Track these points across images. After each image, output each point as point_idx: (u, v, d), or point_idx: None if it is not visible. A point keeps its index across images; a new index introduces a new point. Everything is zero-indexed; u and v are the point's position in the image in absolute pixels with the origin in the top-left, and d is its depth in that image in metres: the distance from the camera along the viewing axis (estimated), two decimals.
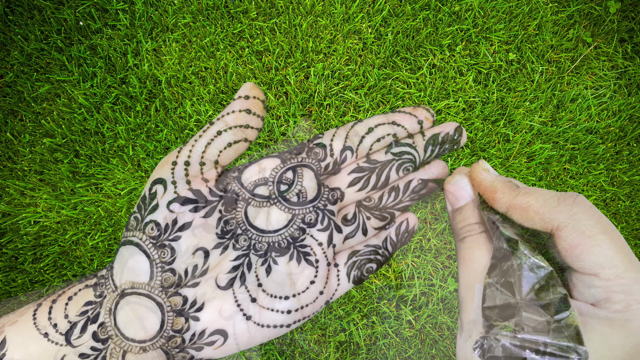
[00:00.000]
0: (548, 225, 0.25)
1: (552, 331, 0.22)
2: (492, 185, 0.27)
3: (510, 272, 0.24)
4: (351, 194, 0.32)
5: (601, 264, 0.23)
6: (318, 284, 0.31)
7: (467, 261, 0.27)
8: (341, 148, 0.31)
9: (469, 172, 0.29)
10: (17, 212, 1.13)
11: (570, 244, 0.24)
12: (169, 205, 0.27)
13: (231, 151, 0.29)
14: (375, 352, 1.10)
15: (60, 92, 1.18)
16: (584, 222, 0.24)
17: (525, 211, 0.25)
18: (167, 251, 0.27)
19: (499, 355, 0.22)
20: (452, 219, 0.30)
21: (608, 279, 0.23)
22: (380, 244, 0.33)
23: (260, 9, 1.22)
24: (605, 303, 0.23)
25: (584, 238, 0.23)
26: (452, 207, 0.30)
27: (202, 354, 0.28)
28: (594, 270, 0.23)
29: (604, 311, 0.23)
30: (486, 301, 0.24)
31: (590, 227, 0.23)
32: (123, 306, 0.27)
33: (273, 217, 0.30)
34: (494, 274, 0.24)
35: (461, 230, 0.29)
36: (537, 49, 1.25)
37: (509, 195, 0.26)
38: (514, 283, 0.23)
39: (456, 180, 0.29)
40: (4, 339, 0.27)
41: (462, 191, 0.29)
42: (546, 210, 0.25)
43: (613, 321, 0.22)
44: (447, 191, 0.30)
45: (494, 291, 0.24)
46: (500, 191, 0.27)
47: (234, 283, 0.29)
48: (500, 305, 0.23)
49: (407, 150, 0.32)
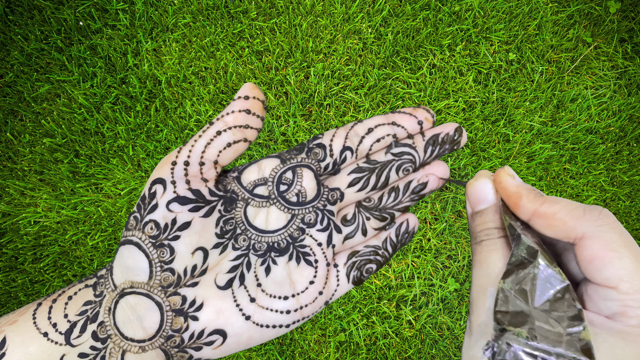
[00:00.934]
0: (572, 234, 0.25)
1: (565, 343, 0.21)
2: (518, 191, 0.27)
3: (526, 280, 0.24)
4: (351, 194, 0.32)
5: (621, 277, 0.23)
6: (317, 284, 0.31)
7: (483, 264, 0.27)
8: (341, 148, 0.31)
9: (493, 177, 0.29)
10: (17, 212, 1.13)
11: (592, 254, 0.24)
12: (169, 205, 0.27)
13: (231, 151, 0.29)
14: (375, 352, 1.10)
15: (60, 92, 1.18)
16: (608, 234, 0.24)
17: (550, 219, 0.26)
18: (167, 251, 0.27)
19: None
20: (472, 221, 0.30)
21: (627, 293, 0.23)
22: (380, 245, 0.33)
23: (260, 9, 1.22)
24: (620, 317, 0.23)
25: (607, 250, 0.23)
26: (472, 210, 0.30)
27: (201, 353, 0.28)
28: (613, 283, 0.23)
29: (619, 324, 0.23)
30: (498, 305, 0.24)
31: (614, 239, 0.23)
32: (122, 306, 0.27)
33: (272, 217, 0.30)
34: (509, 279, 0.24)
35: (480, 233, 0.29)
36: (537, 49, 1.25)
37: (535, 203, 0.26)
38: (528, 291, 0.23)
39: (479, 183, 0.29)
40: (3, 338, 0.27)
41: (484, 194, 0.29)
42: (571, 220, 0.25)
43: (627, 335, 0.22)
44: (468, 193, 0.30)
45: (507, 296, 0.24)
46: (525, 197, 0.27)
47: (233, 283, 0.29)
48: (513, 311, 0.23)
49: (407, 151, 0.32)
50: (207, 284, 0.29)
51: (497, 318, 0.23)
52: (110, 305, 0.28)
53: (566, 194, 1.20)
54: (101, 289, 0.28)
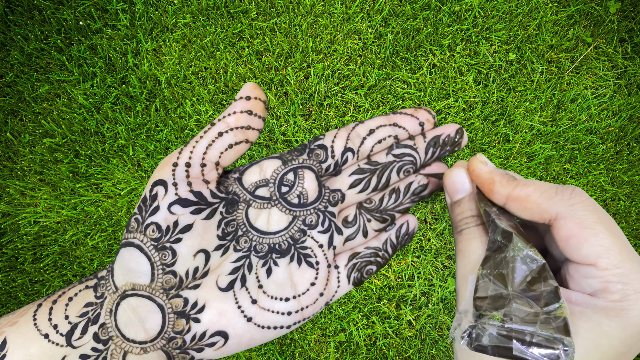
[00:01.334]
0: (546, 216, 0.25)
1: (540, 322, 0.22)
2: (490, 177, 0.28)
3: (504, 264, 0.24)
4: (352, 195, 0.32)
5: (598, 253, 0.23)
6: (318, 285, 0.31)
7: (464, 253, 0.28)
8: (342, 149, 0.31)
9: (467, 166, 0.30)
10: (17, 212, 1.13)
11: (568, 233, 0.24)
12: (170, 207, 0.27)
13: (232, 152, 0.29)
14: (375, 352, 1.10)
15: (60, 92, 1.18)
16: (581, 212, 0.24)
17: (524, 202, 0.26)
18: (168, 253, 0.27)
19: (485, 344, 0.22)
20: (451, 211, 0.30)
21: (605, 269, 0.23)
22: (380, 246, 0.33)
23: (260, 9, 1.22)
24: (602, 293, 0.23)
25: (581, 228, 0.23)
26: (450, 200, 0.30)
27: (202, 354, 0.28)
28: (591, 260, 0.23)
29: (601, 301, 0.23)
30: (478, 291, 0.24)
31: (588, 217, 0.24)
32: (124, 307, 0.27)
33: (274, 219, 0.30)
34: (488, 265, 0.25)
35: (459, 223, 0.29)
36: (537, 49, 1.25)
37: (507, 187, 0.27)
38: (506, 275, 0.24)
39: (454, 173, 0.30)
40: (4, 339, 0.27)
41: (460, 184, 0.29)
42: (544, 201, 0.25)
43: (610, 311, 0.22)
44: (445, 184, 0.30)
45: (486, 282, 0.24)
46: (498, 183, 0.27)
47: (234, 284, 0.29)
48: (492, 295, 0.24)
49: (408, 152, 0.32)
50: (209, 285, 0.29)
51: (476, 304, 0.24)
52: (111, 306, 0.28)
53: None
54: (102, 291, 0.28)
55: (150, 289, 0.27)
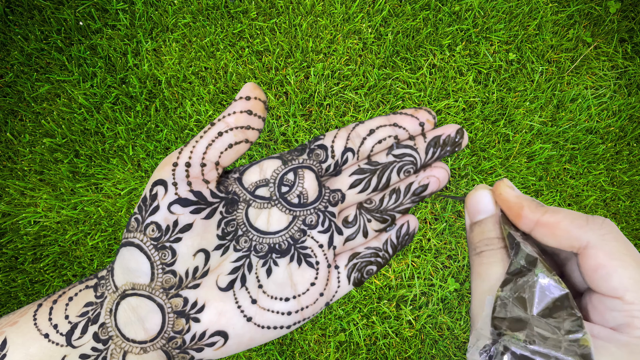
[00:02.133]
0: (576, 244, 0.24)
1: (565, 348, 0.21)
2: (519, 202, 0.27)
3: (525, 288, 0.24)
4: (352, 195, 0.32)
5: (626, 287, 0.22)
6: (318, 285, 0.31)
7: (483, 275, 0.27)
8: (342, 149, 0.31)
9: (492, 188, 0.29)
10: (17, 212, 1.13)
11: (597, 263, 0.23)
12: (170, 207, 0.27)
13: (232, 152, 0.29)
14: (375, 352, 1.10)
15: (60, 92, 1.18)
16: (612, 243, 0.23)
17: (553, 228, 0.25)
18: (168, 253, 0.27)
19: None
20: (470, 231, 0.30)
21: (632, 303, 0.22)
22: (380, 246, 0.33)
23: (260, 9, 1.22)
24: (626, 328, 0.22)
25: (611, 259, 0.23)
26: (471, 220, 0.30)
27: (202, 354, 0.28)
28: (619, 292, 0.23)
29: (625, 336, 0.22)
30: (496, 312, 0.23)
31: (619, 249, 0.23)
32: (124, 307, 0.27)
33: (274, 219, 0.30)
34: (507, 287, 0.24)
35: (479, 244, 0.28)
36: (537, 49, 1.25)
37: (537, 213, 0.26)
38: (527, 299, 0.23)
39: (479, 194, 0.29)
40: (4, 339, 0.27)
41: (483, 205, 0.29)
42: (575, 229, 0.24)
43: (634, 347, 0.22)
44: (467, 204, 0.30)
45: (506, 304, 0.24)
46: (527, 208, 0.27)
47: (234, 284, 0.29)
48: (511, 317, 0.23)
49: (408, 152, 0.32)
50: (209, 285, 0.29)
51: (495, 324, 0.23)
52: (111, 306, 0.28)
53: (566, 194, 1.20)
54: (102, 290, 0.28)
55: (150, 288, 0.27)
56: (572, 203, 1.21)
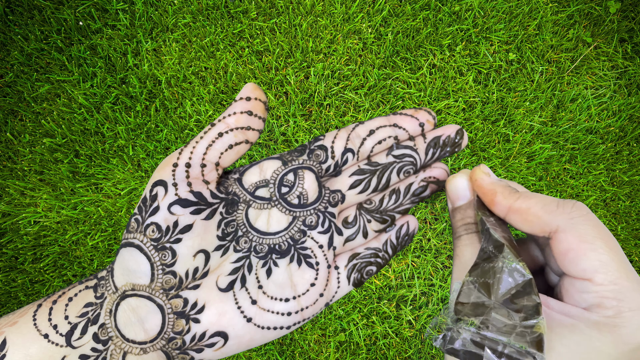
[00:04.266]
0: (546, 228, 0.25)
1: (516, 334, 0.22)
2: (492, 188, 0.28)
3: (490, 273, 0.24)
4: (352, 196, 0.32)
5: (596, 268, 0.23)
6: (318, 286, 0.31)
7: (460, 257, 0.28)
8: (342, 150, 0.31)
9: (469, 175, 0.30)
10: (17, 212, 1.13)
11: (566, 247, 0.24)
12: (170, 208, 0.27)
13: (232, 153, 0.29)
14: (375, 352, 1.10)
15: (60, 92, 1.18)
16: (582, 226, 0.24)
17: (525, 214, 0.26)
18: (168, 253, 0.27)
19: (457, 348, 0.22)
20: (452, 217, 0.30)
21: (601, 284, 0.23)
22: (380, 247, 0.33)
23: (260, 9, 1.22)
24: (596, 308, 0.23)
25: (581, 242, 0.23)
26: (452, 206, 0.31)
27: (202, 355, 0.28)
28: (588, 274, 0.23)
29: (595, 315, 0.23)
30: (461, 297, 0.24)
31: (588, 231, 0.24)
32: (123, 308, 0.27)
33: (274, 219, 0.30)
34: (475, 272, 0.25)
35: (459, 228, 0.29)
36: (537, 49, 1.25)
37: (509, 199, 0.27)
38: (491, 284, 0.24)
39: (456, 180, 0.30)
40: (4, 340, 0.27)
41: (461, 191, 0.30)
42: (545, 214, 0.25)
43: (603, 326, 0.22)
44: (448, 190, 0.31)
45: (470, 289, 0.24)
46: (500, 194, 0.27)
47: (234, 285, 0.29)
48: (474, 302, 0.24)
49: (408, 153, 0.32)
50: (209, 286, 0.29)
51: (457, 309, 0.24)
52: (111, 307, 0.28)
53: (566, 194, 1.20)
54: (102, 291, 0.28)
55: (150, 289, 0.27)
56: None
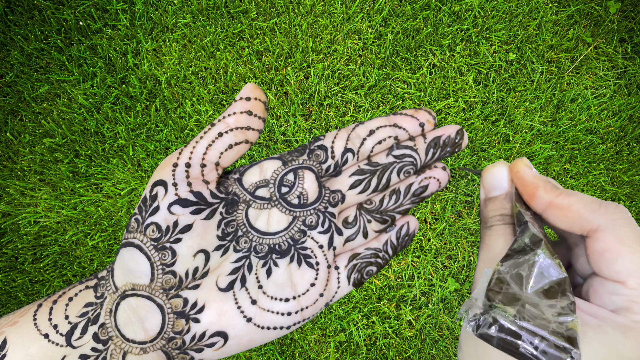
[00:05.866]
0: (587, 227, 0.25)
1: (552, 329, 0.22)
2: (535, 181, 0.27)
3: (524, 266, 0.24)
4: (352, 196, 0.32)
5: (630, 272, 0.23)
6: (318, 286, 0.31)
7: (490, 247, 0.28)
8: (342, 150, 0.31)
9: (510, 166, 0.29)
10: (17, 212, 1.13)
11: (604, 247, 0.24)
12: (170, 208, 0.27)
13: (232, 153, 0.29)
14: (375, 352, 1.10)
15: (60, 92, 1.18)
16: (623, 228, 0.24)
17: (565, 210, 0.26)
18: (168, 253, 0.27)
19: (492, 333, 0.22)
20: (484, 206, 0.30)
21: (634, 288, 0.23)
22: (380, 247, 0.33)
23: (260, 9, 1.22)
24: (624, 312, 0.23)
25: (619, 244, 0.23)
26: (486, 195, 0.30)
27: (202, 355, 0.28)
28: (622, 277, 0.23)
29: (622, 319, 0.22)
30: (492, 285, 0.24)
31: (628, 234, 0.23)
32: (123, 307, 0.27)
33: (274, 219, 0.30)
34: (507, 263, 0.24)
35: (491, 219, 0.29)
36: (537, 49, 1.25)
37: (551, 194, 0.26)
38: (524, 277, 0.23)
39: (496, 170, 0.30)
40: (4, 339, 0.27)
41: (499, 181, 0.29)
42: (587, 212, 0.25)
43: (629, 330, 0.22)
44: (484, 179, 0.30)
45: (502, 278, 0.24)
46: (542, 188, 0.27)
47: (234, 285, 0.29)
48: (506, 292, 0.23)
49: (408, 153, 0.32)
50: (209, 286, 0.29)
51: (489, 295, 0.23)
52: (111, 307, 0.28)
53: None
54: (102, 291, 0.28)
55: (150, 289, 0.27)
56: None
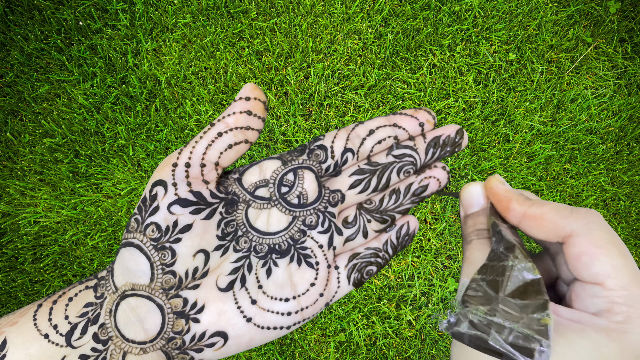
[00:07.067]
0: (561, 233, 0.25)
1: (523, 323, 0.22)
2: (507, 195, 0.28)
3: (500, 271, 0.25)
4: (352, 196, 0.32)
5: (608, 273, 0.23)
6: (318, 286, 0.31)
7: (471, 261, 0.28)
8: (342, 150, 0.31)
9: (484, 183, 0.31)
10: (17, 212, 1.13)
11: (580, 251, 0.24)
12: (170, 207, 0.27)
13: (232, 153, 0.29)
14: (375, 352, 1.10)
15: (60, 92, 1.18)
16: (596, 232, 0.24)
17: (539, 220, 0.26)
18: (168, 253, 0.27)
19: (463, 331, 0.23)
20: (464, 223, 0.31)
21: (612, 289, 0.23)
22: (380, 247, 0.33)
23: (260, 9, 1.22)
24: (606, 313, 0.23)
25: (594, 247, 0.24)
26: (464, 213, 0.31)
27: (202, 355, 0.28)
28: (600, 279, 0.23)
29: (604, 321, 0.23)
30: (468, 291, 0.25)
31: (602, 237, 0.24)
32: (123, 307, 0.27)
33: (274, 219, 0.30)
34: (484, 271, 0.25)
35: (471, 234, 0.30)
36: (537, 49, 1.25)
37: (524, 205, 0.27)
38: (500, 282, 0.24)
39: (472, 187, 0.31)
40: (4, 340, 0.27)
41: (475, 198, 0.31)
42: (560, 219, 0.25)
43: (611, 332, 0.22)
44: (462, 198, 0.31)
45: (479, 285, 0.25)
46: (515, 201, 0.28)
47: (234, 285, 0.29)
48: (481, 296, 0.24)
49: (408, 153, 0.32)
50: (209, 286, 0.29)
51: (464, 299, 0.24)
52: (111, 307, 0.28)
53: (566, 194, 1.20)
54: (102, 291, 0.28)
55: (150, 289, 0.27)
56: (572, 203, 1.21)
